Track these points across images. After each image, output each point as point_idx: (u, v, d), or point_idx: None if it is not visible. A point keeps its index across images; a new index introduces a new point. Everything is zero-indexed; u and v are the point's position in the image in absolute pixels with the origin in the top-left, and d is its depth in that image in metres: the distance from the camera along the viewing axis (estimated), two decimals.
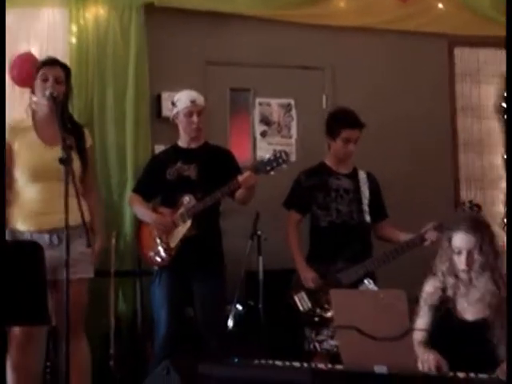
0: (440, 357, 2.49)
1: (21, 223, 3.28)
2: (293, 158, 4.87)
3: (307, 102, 5.12)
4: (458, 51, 5.50)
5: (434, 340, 2.67)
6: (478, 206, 3.54)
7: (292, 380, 2.35)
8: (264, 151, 4.97)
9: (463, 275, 2.71)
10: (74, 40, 4.55)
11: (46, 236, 3.25)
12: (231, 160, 3.91)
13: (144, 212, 3.88)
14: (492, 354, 2.58)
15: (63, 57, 4.20)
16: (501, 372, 2.42)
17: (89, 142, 3.50)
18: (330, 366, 2.46)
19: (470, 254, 2.68)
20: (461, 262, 2.70)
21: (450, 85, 5.47)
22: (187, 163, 3.80)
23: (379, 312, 2.13)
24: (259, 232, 4.13)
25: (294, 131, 5.14)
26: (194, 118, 3.79)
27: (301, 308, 3.71)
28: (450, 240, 2.74)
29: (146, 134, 4.68)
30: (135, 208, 3.97)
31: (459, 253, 2.70)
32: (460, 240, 2.71)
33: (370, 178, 3.92)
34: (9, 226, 3.29)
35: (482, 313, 2.68)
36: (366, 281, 3.58)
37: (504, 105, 5.52)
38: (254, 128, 5.10)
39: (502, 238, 5.25)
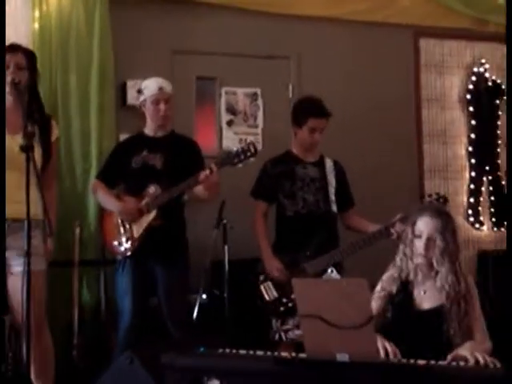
0: (392, 345, 2.49)
1: None
2: (259, 147, 4.87)
3: (273, 91, 5.11)
4: (423, 42, 5.54)
5: (391, 328, 2.67)
6: (445, 199, 3.56)
7: (255, 369, 2.34)
8: (230, 141, 4.95)
9: (422, 260, 2.70)
10: (36, 26, 4.46)
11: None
12: (197, 152, 3.86)
13: (108, 200, 3.82)
14: (448, 343, 2.59)
15: (26, 43, 4.12)
16: (463, 350, 2.44)
17: (55, 134, 3.40)
18: (293, 354, 2.46)
19: (430, 238, 2.69)
20: (420, 245, 2.70)
21: (416, 75, 5.51)
22: (153, 152, 3.75)
23: (342, 301, 2.13)
24: (225, 221, 4.11)
25: (260, 120, 5.13)
26: (162, 106, 3.75)
27: (267, 298, 3.70)
28: (413, 225, 2.75)
29: (110, 123, 4.62)
30: (99, 195, 3.91)
31: (420, 236, 2.71)
32: (423, 224, 2.71)
33: (337, 166, 3.92)
34: None
35: (438, 301, 2.68)
36: (328, 270, 3.58)
37: (468, 97, 5.59)
38: (219, 117, 5.07)
39: (464, 227, 5.37)
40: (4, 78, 3.25)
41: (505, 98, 5.60)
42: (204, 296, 4.22)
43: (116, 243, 3.77)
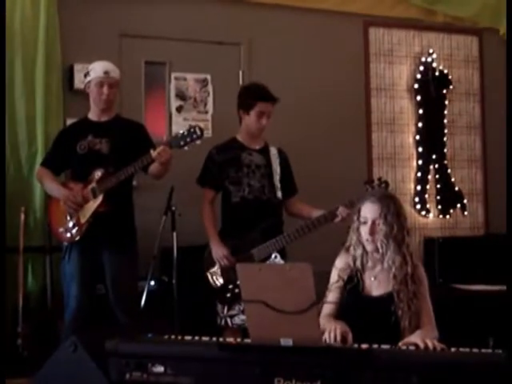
0: (346, 327, 2.53)
1: None
2: (209, 133, 4.85)
3: (223, 77, 5.09)
4: (372, 31, 5.59)
5: (341, 314, 2.71)
6: (386, 183, 3.62)
7: (200, 355, 2.34)
8: (180, 126, 4.89)
9: (368, 246, 2.74)
10: None
11: None
12: (143, 133, 3.83)
13: (53, 187, 3.76)
14: (396, 326, 2.64)
15: None
16: (414, 337, 2.49)
17: None
18: (238, 340, 2.46)
19: (374, 223, 2.72)
20: (365, 230, 2.73)
21: (365, 64, 5.56)
22: (98, 137, 3.70)
23: (285, 285, 2.14)
24: (173, 207, 4.09)
25: (210, 107, 5.10)
26: (105, 89, 3.70)
27: (213, 284, 3.70)
28: (359, 212, 2.78)
29: (57, 107, 4.54)
30: (44, 182, 3.85)
31: (365, 222, 2.74)
32: (366, 210, 2.75)
33: (281, 154, 3.92)
34: None
35: (387, 286, 2.72)
36: (273, 255, 3.60)
37: (416, 86, 5.66)
38: (169, 103, 5.02)
39: (412, 215, 5.46)
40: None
41: (449, 88, 5.70)
42: (152, 283, 4.20)
43: (62, 229, 3.72)
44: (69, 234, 3.70)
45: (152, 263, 4.03)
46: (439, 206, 5.68)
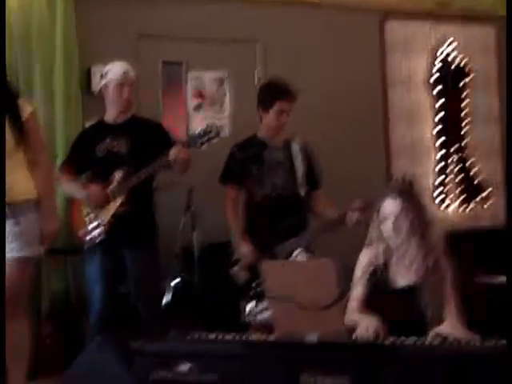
0: (380, 323, 2.53)
1: None
2: (226, 132, 4.85)
3: (240, 75, 5.09)
4: (388, 25, 5.56)
5: (368, 308, 2.71)
6: (410, 182, 3.57)
7: (225, 352, 2.35)
8: (197, 125, 4.88)
9: (391, 241, 2.76)
10: None
11: None
12: (162, 131, 3.84)
13: (74, 189, 3.80)
14: (422, 317, 2.65)
15: None
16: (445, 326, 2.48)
17: (26, 112, 3.26)
18: (263, 337, 2.47)
19: (396, 219, 2.73)
20: (387, 227, 2.74)
21: (382, 58, 5.53)
22: (116, 139, 3.72)
23: (309, 281, 2.14)
24: (193, 207, 4.10)
25: (227, 105, 5.11)
26: (125, 90, 3.71)
27: (239, 281, 3.70)
28: (379, 209, 2.79)
29: (76, 111, 4.55)
30: (64, 185, 3.88)
31: (386, 219, 2.75)
32: (387, 206, 2.76)
33: (303, 148, 3.91)
34: None
35: (411, 278, 2.73)
36: (296, 251, 3.60)
37: (433, 79, 5.63)
38: (187, 102, 5.04)
39: (431, 210, 5.42)
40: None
41: (466, 80, 5.66)
42: (174, 281, 4.22)
43: (84, 231, 3.74)
44: (91, 236, 3.72)
45: (174, 262, 4.05)
46: (460, 199, 5.64)
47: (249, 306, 3.62)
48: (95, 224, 3.69)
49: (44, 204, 3.22)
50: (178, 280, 4.31)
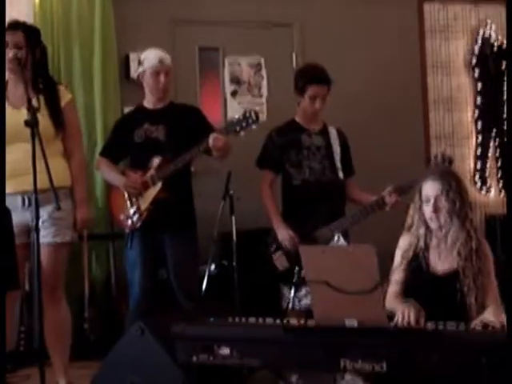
0: (419, 309, 2.51)
1: None
2: (263, 117, 4.85)
3: (277, 60, 5.08)
4: (427, 7, 5.48)
5: (407, 294, 2.70)
6: (450, 159, 3.54)
7: (265, 337, 2.36)
8: (235, 111, 4.92)
9: (432, 224, 2.72)
10: (37, 0, 4.43)
11: (19, 198, 3.19)
12: (200, 116, 3.83)
13: (113, 176, 3.82)
14: (462, 303, 2.62)
15: (26, 18, 4.09)
16: (488, 314, 2.46)
17: (66, 98, 3.37)
18: (302, 322, 2.47)
19: (436, 200, 2.70)
20: (428, 209, 2.71)
21: (421, 41, 5.46)
22: (154, 124, 3.73)
23: (349, 267, 2.14)
24: (231, 192, 4.11)
25: (264, 90, 5.10)
26: (162, 78, 3.71)
27: (279, 267, 3.68)
28: (420, 191, 2.76)
29: (114, 96, 4.62)
30: (103, 172, 3.91)
31: (428, 201, 2.72)
32: (428, 188, 2.73)
33: (340, 134, 3.89)
34: None
35: (452, 263, 2.70)
36: (335, 237, 3.58)
37: (473, 61, 5.53)
38: (224, 88, 5.04)
39: (472, 192, 5.35)
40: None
41: None
42: (213, 267, 4.24)
43: (123, 217, 3.77)
44: (130, 221, 3.75)
45: (212, 248, 4.07)
46: (500, 183, 5.55)
47: (291, 292, 3.63)
48: (134, 209, 3.73)
49: (77, 193, 3.32)
50: (216, 265, 4.34)
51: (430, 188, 2.72)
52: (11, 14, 4.15)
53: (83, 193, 3.39)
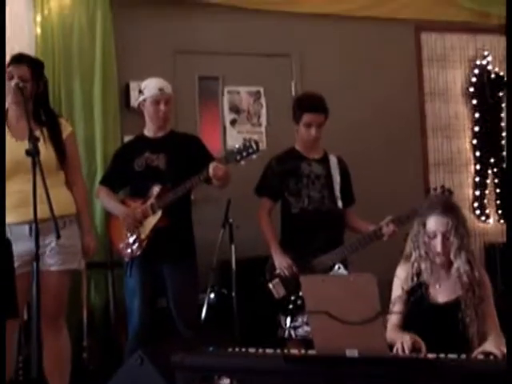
0: (418, 339, 2.50)
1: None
2: (263, 145, 4.87)
3: (276, 89, 5.12)
4: (424, 36, 5.54)
5: (407, 324, 2.69)
6: (450, 191, 3.56)
7: (266, 367, 2.35)
8: (234, 139, 4.95)
9: (439, 259, 2.72)
10: (38, 30, 4.48)
11: (27, 227, 3.18)
12: (200, 146, 3.86)
13: (113, 205, 3.83)
14: (464, 333, 2.62)
15: (28, 47, 4.14)
16: (489, 345, 2.46)
17: (67, 131, 3.42)
18: (303, 351, 2.46)
19: (445, 236, 2.69)
20: (436, 245, 2.70)
21: (418, 70, 5.51)
22: (155, 153, 3.75)
23: (350, 296, 2.14)
24: (231, 220, 4.11)
25: (263, 119, 5.13)
26: (162, 107, 3.75)
27: (276, 295, 3.68)
28: (424, 225, 2.74)
29: (114, 125, 4.64)
30: (103, 200, 3.93)
31: (434, 236, 2.71)
32: (434, 223, 2.71)
33: (341, 162, 3.90)
34: None
35: (454, 294, 2.70)
36: (336, 266, 3.58)
37: (471, 90, 5.58)
38: (223, 116, 5.08)
39: (471, 220, 5.36)
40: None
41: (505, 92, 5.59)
42: (212, 295, 4.23)
43: (123, 245, 3.78)
44: (129, 250, 3.76)
45: (211, 276, 4.06)
46: (499, 211, 5.56)
47: (287, 321, 3.62)
48: (134, 238, 3.73)
49: (84, 221, 3.38)
50: (215, 294, 4.33)
51: (437, 223, 2.71)
52: (13, 46, 4.22)
53: (89, 221, 3.49)
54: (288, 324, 3.63)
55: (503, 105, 5.64)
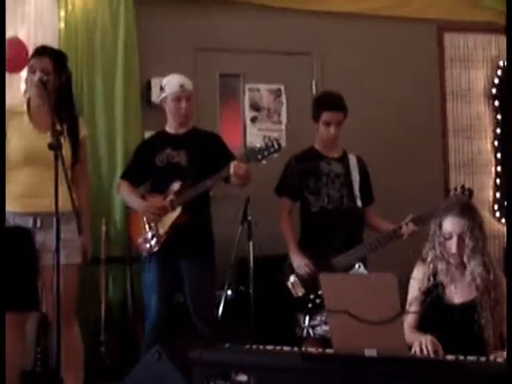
0: (436, 341, 2.49)
1: (6, 204, 3.23)
2: (283, 143, 4.86)
3: (296, 87, 5.11)
4: (447, 37, 5.50)
5: (423, 325, 2.68)
6: (470, 191, 3.53)
7: (283, 364, 2.35)
8: (254, 137, 4.96)
9: (453, 260, 2.71)
10: (62, 25, 4.50)
11: (30, 219, 3.20)
12: (221, 144, 3.87)
13: (133, 199, 3.85)
14: (480, 334, 2.61)
15: (52, 42, 4.16)
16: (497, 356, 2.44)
17: (83, 132, 3.44)
18: (320, 350, 2.46)
19: (460, 238, 2.69)
20: (452, 246, 2.70)
21: (440, 70, 5.47)
22: (176, 149, 3.76)
23: (369, 295, 2.13)
24: (250, 217, 4.11)
25: (283, 117, 5.13)
26: (183, 104, 3.76)
27: (294, 294, 3.68)
28: (440, 225, 2.74)
29: (136, 121, 4.65)
30: (124, 195, 3.94)
31: (450, 237, 2.70)
32: (450, 224, 2.71)
33: (360, 161, 3.90)
34: None
35: (470, 295, 2.69)
36: (356, 265, 3.57)
37: (493, 91, 5.53)
38: (243, 114, 5.08)
39: (491, 222, 5.32)
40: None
41: None
42: (229, 292, 4.23)
43: (141, 240, 3.80)
44: (148, 245, 3.77)
45: (229, 273, 4.06)
46: None
47: (305, 319, 3.61)
48: (153, 233, 3.74)
49: (84, 221, 3.30)
50: (232, 291, 4.33)
51: (453, 224, 2.70)
52: (36, 37, 4.25)
53: (89, 221, 3.46)
54: (306, 323, 3.62)
55: None
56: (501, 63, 5.56)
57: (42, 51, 3.36)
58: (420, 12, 5.27)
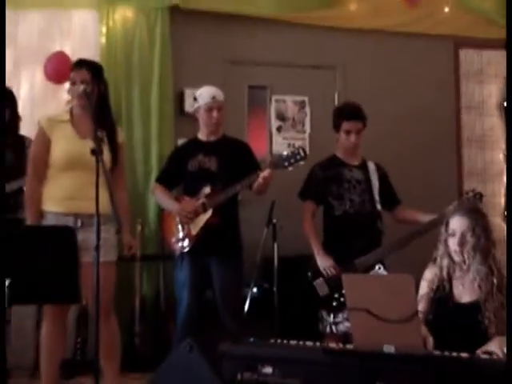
0: (427, 333, 2.48)
1: (49, 205, 3.29)
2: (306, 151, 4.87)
3: (320, 99, 5.12)
4: (462, 52, 5.47)
5: (431, 323, 2.66)
6: (481, 195, 3.52)
7: (305, 358, 2.35)
8: (279, 145, 5.00)
9: (456, 257, 2.70)
10: (103, 40, 4.57)
11: (71, 219, 3.24)
12: (249, 152, 3.90)
13: (167, 202, 3.88)
14: (484, 334, 2.58)
15: (94, 56, 4.22)
16: (492, 345, 2.42)
17: (121, 138, 3.48)
18: (341, 345, 2.46)
19: (462, 235, 2.69)
20: (454, 243, 2.70)
21: (455, 84, 5.45)
22: (208, 155, 3.79)
23: (388, 295, 2.13)
24: (275, 220, 4.12)
25: (307, 126, 5.15)
26: (214, 113, 3.79)
27: (320, 293, 3.66)
28: (447, 224, 2.75)
29: (169, 129, 4.70)
30: (158, 197, 3.98)
31: (453, 235, 2.71)
32: (455, 222, 2.72)
33: (379, 168, 3.90)
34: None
35: (474, 294, 2.68)
36: (376, 266, 3.56)
37: (505, 104, 5.49)
38: (270, 123, 5.11)
39: (502, 228, 5.26)
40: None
41: None
42: (255, 290, 4.24)
43: (174, 240, 3.82)
44: (180, 245, 3.79)
45: (255, 271, 4.08)
46: None
47: (329, 317, 3.61)
48: (185, 233, 3.77)
49: (125, 222, 3.37)
50: (258, 289, 4.34)
51: (457, 223, 2.71)
52: (79, 52, 4.31)
53: (129, 220, 3.53)
54: (330, 320, 3.62)
55: None
56: None
57: (80, 64, 3.40)
58: (437, 29, 5.25)
